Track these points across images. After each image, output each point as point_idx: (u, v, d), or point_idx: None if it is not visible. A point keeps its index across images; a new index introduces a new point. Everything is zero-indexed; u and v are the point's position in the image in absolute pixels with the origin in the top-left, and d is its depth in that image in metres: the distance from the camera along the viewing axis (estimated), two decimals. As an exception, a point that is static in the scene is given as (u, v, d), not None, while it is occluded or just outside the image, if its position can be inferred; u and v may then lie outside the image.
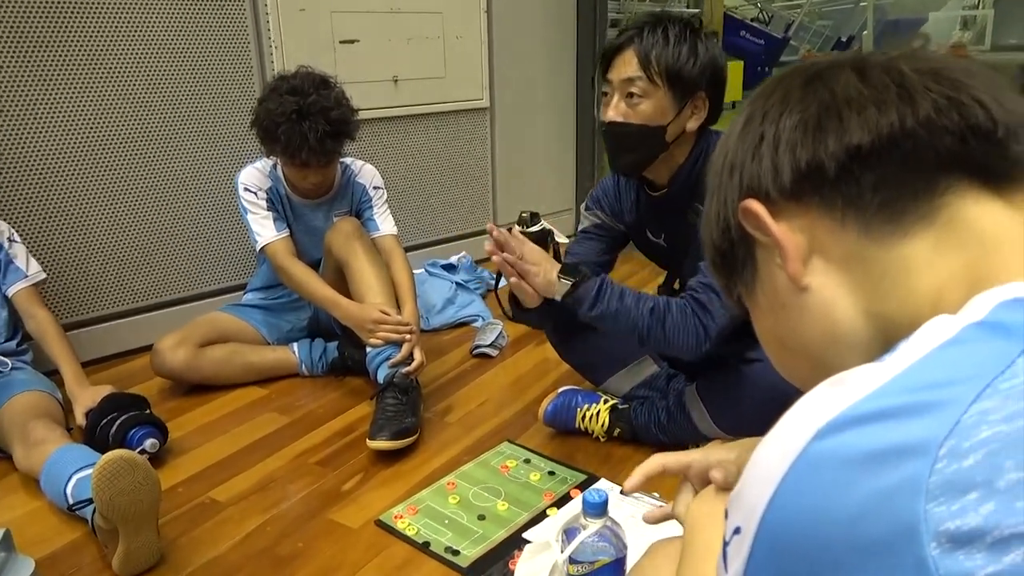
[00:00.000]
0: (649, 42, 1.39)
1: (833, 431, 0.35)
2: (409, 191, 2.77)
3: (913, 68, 0.46)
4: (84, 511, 1.34)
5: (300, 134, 1.75)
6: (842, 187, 0.46)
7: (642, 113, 1.42)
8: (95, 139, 2.03)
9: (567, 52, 3.22)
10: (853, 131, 0.45)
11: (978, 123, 0.44)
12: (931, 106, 0.44)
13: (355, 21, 2.46)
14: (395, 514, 1.42)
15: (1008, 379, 0.33)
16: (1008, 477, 0.31)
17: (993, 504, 0.31)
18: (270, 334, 2.07)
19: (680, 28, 1.40)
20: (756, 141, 0.50)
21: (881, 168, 0.44)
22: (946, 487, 0.32)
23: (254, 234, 1.94)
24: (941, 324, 0.38)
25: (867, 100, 0.45)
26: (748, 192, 0.50)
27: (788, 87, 0.50)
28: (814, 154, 0.46)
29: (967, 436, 0.32)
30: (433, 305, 2.44)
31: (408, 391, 1.72)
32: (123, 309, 2.18)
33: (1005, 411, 0.32)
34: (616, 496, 1.44)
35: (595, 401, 1.67)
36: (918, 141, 0.44)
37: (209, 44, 2.17)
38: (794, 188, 0.47)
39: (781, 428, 0.38)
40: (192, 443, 1.71)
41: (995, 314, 0.37)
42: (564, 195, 3.40)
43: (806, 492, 0.36)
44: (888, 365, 0.37)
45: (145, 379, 1.99)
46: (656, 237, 1.64)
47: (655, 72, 1.39)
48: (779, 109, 0.49)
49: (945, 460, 0.32)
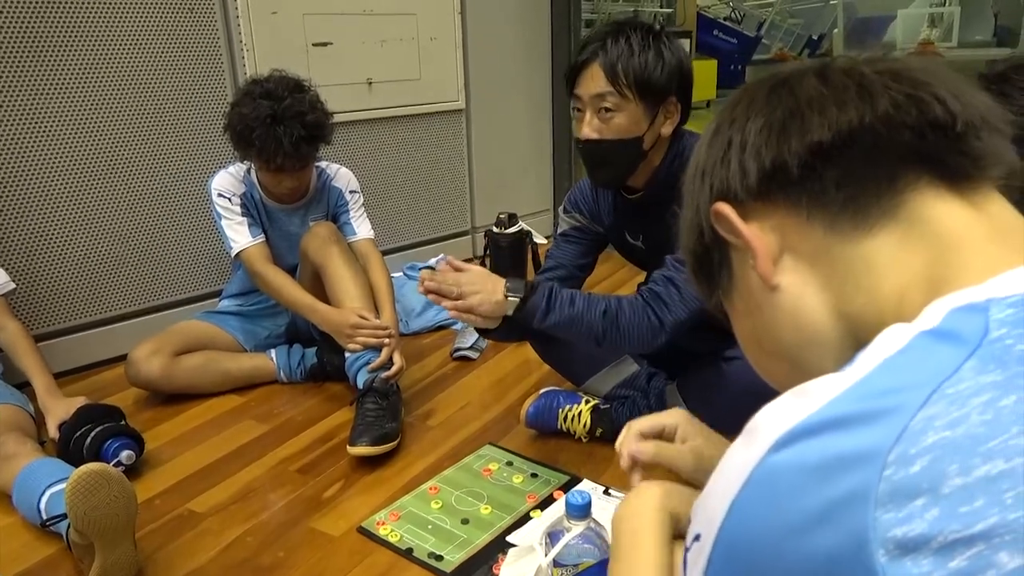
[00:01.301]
0: (614, 54, 1.38)
1: (790, 442, 0.36)
2: (386, 194, 2.76)
3: (873, 69, 0.47)
4: (59, 526, 1.31)
5: (275, 139, 1.73)
6: (806, 184, 0.47)
7: (617, 127, 1.41)
8: (63, 145, 1.99)
9: (542, 52, 3.22)
10: (814, 129, 0.46)
11: (936, 117, 0.44)
12: (889, 102, 0.45)
13: (328, 23, 2.44)
14: (377, 521, 1.41)
15: (954, 384, 0.34)
16: (952, 483, 0.32)
17: (938, 510, 0.31)
18: (247, 341, 2.05)
19: (643, 35, 1.39)
20: (724, 147, 0.51)
21: (843, 164, 0.46)
22: (894, 494, 0.32)
23: (228, 240, 1.92)
24: (895, 333, 0.39)
25: (828, 100, 0.46)
26: (718, 196, 0.51)
27: (754, 95, 0.51)
28: (778, 154, 0.47)
29: (914, 442, 0.33)
30: (412, 308, 2.43)
31: (388, 396, 1.70)
32: (96, 319, 2.14)
33: (949, 416, 0.33)
34: (599, 496, 1.44)
35: (577, 402, 1.67)
36: (877, 136, 0.45)
37: (179, 48, 2.14)
38: (761, 188, 0.48)
39: (742, 439, 0.39)
40: (169, 454, 1.69)
41: (946, 321, 0.38)
42: (541, 196, 3.40)
43: (762, 502, 0.36)
44: (845, 375, 0.38)
45: (120, 390, 1.96)
46: (635, 239, 1.64)
47: (624, 85, 1.38)
48: (745, 115, 0.50)
49: (893, 467, 0.33)
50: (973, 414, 0.33)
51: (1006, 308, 0.37)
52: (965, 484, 0.32)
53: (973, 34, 4.71)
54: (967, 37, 4.63)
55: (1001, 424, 0.32)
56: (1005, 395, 0.33)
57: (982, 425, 0.33)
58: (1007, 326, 0.36)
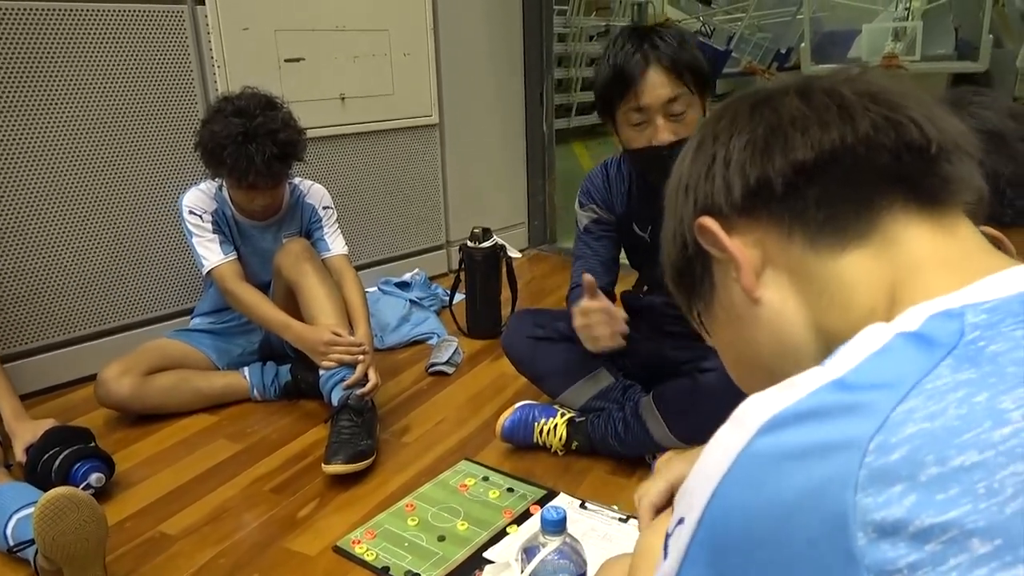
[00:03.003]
0: (668, 55, 1.40)
1: (774, 428, 0.38)
2: (360, 209, 2.75)
3: (853, 90, 0.49)
4: (26, 552, 1.28)
5: (247, 157, 1.72)
6: (789, 202, 0.48)
7: (691, 124, 1.43)
8: (30, 163, 1.96)
9: (515, 67, 3.24)
10: (797, 148, 0.47)
11: (912, 140, 0.46)
12: (869, 124, 0.46)
13: (300, 39, 2.43)
14: (353, 539, 1.40)
15: (932, 381, 0.36)
16: (929, 471, 0.33)
17: (915, 496, 0.33)
18: (220, 359, 2.02)
19: (671, 33, 1.43)
20: (708, 162, 0.52)
21: (824, 183, 0.47)
22: (874, 479, 0.34)
23: (200, 258, 1.90)
24: (875, 331, 0.41)
25: (810, 120, 0.48)
26: (702, 210, 0.52)
27: (736, 111, 0.52)
28: (762, 171, 0.48)
29: (894, 432, 0.35)
30: (387, 324, 2.42)
31: (363, 413, 1.70)
32: (64, 338, 2.11)
33: (927, 410, 0.35)
34: (575, 510, 1.45)
35: (552, 415, 1.68)
36: (857, 157, 0.46)
37: (149, 64, 2.12)
38: (745, 204, 0.50)
39: (728, 425, 0.41)
40: (140, 475, 1.66)
41: (925, 326, 0.40)
42: (515, 210, 3.41)
43: (745, 486, 0.38)
44: (827, 368, 0.39)
45: (89, 411, 1.92)
46: (642, 230, 1.64)
47: (690, 82, 1.41)
48: (729, 131, 0.51)
49: (874, 454, 0.34)
50: (950, 408, 0.35)
51: (981, 313, 0.39)
52: (941, 473, 0.33)
53: (935, 48, 4.82)
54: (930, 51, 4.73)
55: (975, 419, 0.34)
56: (979, 392, 0.35)
57: (958, 419, 0.34)
58: (981, 328, 0.38)
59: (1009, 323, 0.38)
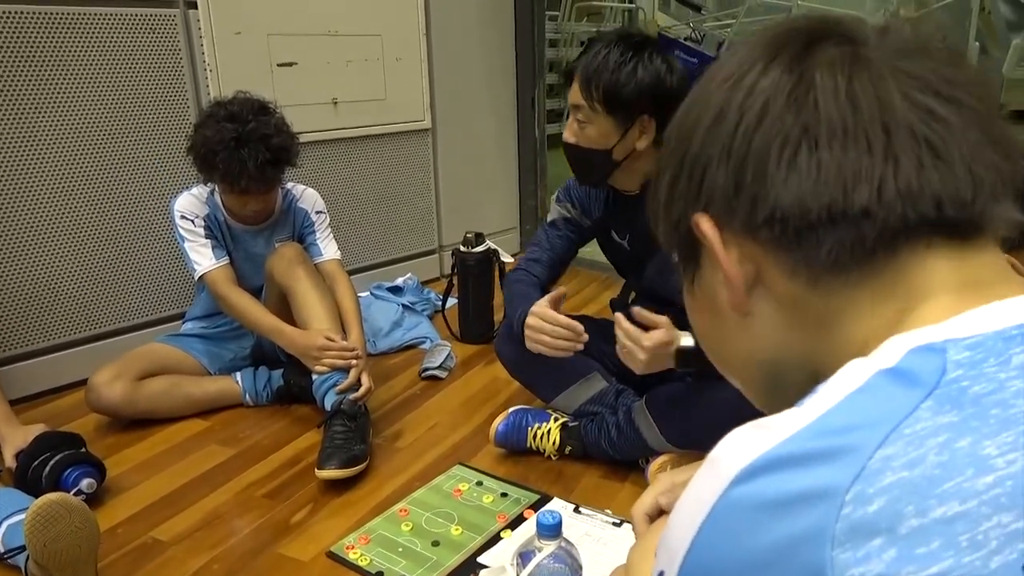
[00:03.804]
0: (591, 67, 1.43)
1: (749, 477, 0.36)
2: (352, 214, 2.75)
3: (910, 99, 0.42)
4: (16, 559, 1.27)
5: (239, 162, 1.72)
6: (802, 242, 0.43)
7: (588, 137, 1.48)
8: (23, 168, 1.95)
9: (507, 72, 3.25)
10: (829, 186, 0.41)
11: (957, 193, 0.41)
12: (914, 168, 0.41)
13: (292, 44, 2.43)
14: (347, 545, 1.39)
15: (911, 424, 0.34)
16: (909, 523, 0.32)
17: (895, 551, 0.32)
18: (212, 364, 2.02)
19: (623, 50, 1.43)
20: (724, 150, 0.45)
21: (847, 232, 0.42)
22: (851, 533, 0.32)
23: (192, 263, 1.90)
24: (854, 369, 0.39)
25: (850, 141, 0.41)
26: (706, 205, 0.46)
27: (775, 81, 0.44)
28: (782, 201, 0.43)
29: (872, 482, 0.33)
30: (380, 328, 2.42)
31: (356, 417, 1.69)
32: (54, 343, 2.09)
33: (907, 457, 0.33)
34: (569, 515, 1.45)
35: (546, 420, 1.68)
36: (891, 212, 0.41)
37: (141, 68, 2.11)
38: (752, 227, 0.44)
39: (703, 472, 0.39)
40: (132, 481, 1.65)
41: (904, 361, 0.38)
42: (508, 215, 3.41)
43: (722, 538, 0.36)
44: (805, 410, 0.38)
45: (79, 416, 1.91)
46: (621, 238, 1.66)
47: (595, 99, 1.43)
48: (756, 117, 0.44)
49: (851, 506, 0.33)
50: (930, 455, 0.33)
51: (963, 350, 0.37)
52: (922, 525, 0.32)
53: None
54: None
55: (956, 466, 0.33)
56: (960, 437, 0.34)
57: (938, 467, 0.33)
58: (963, 367, 0.36)
59: (991, 363, 0.36)
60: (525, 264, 1.74)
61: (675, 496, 0.76)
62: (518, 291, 1.66)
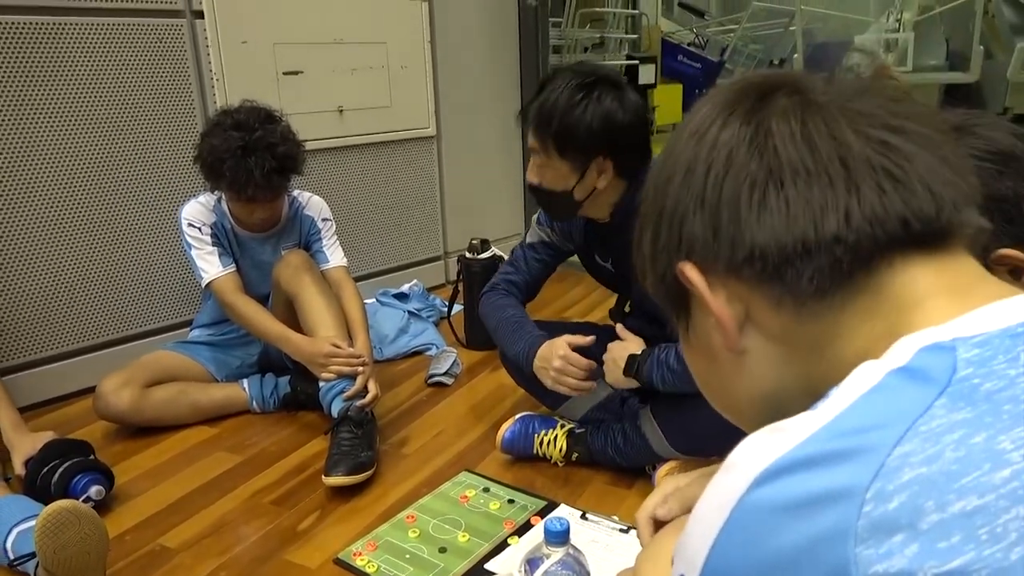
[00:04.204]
0: (543, 112, 1.42)
1: (767, 480, 0.37)
2: (358, 221, 2.76)
3: (860, 135, 0.45)
4: (26, 566, 1.28)
5: (246, 170, 1.73)
6: (783, 275, 0.45)
7: (548, 179, 1.48)
8: (30, 176, 1.97)
9: (511, 79, 3.26)
10: (799, 221, 0.44)
11: (921, 211, 0.43)
12: (876, 195, 0.43)
13: (298, 52, 2.45)
14: (354, 551, 1.39)
15: (927, 422, 0.35)
16: (929, 519, 0.33)
17: (917, 546, 0.32)
18: (219, 371, 2.02)
19: (574, 91, 1.39)
20: (698, 200, 0.48)
21: (822, 260, 0.44)
22: (873, 530, 0.33)
23: (199, 270, 1.90)
24: (867, 371, 0.40)
25: (813, 179, 0.44)
26: (688, 254, 0.49)
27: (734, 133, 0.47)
28: (759, 239, 0.45)
29: (891, 479, 0.34)
30: (386, 335, 2.42)
31: (363, 424, 1.70)
32: (62, 351, 2.10)
33: (924, 453, 0.34)
34: (576, 521, 1.45)
35: (552, 426, 1.68)
36: (861, 235, 0.43)
37: (148, 78, 2.13)
38: (734, 267, 0.47)
39: (721, 477, 0.40)
40: (140, 488, 1.66)
41: (916, 360, 0.39)
42: (512, 221, 3.42)
43: (743, 541, 0.37)
44: (820, 412, 0.38)
45: (88, 423, 1.92)
46: (604, 261, 1.67)
47: (549, 144, 1.43)
48: (723, 166, 0.47)
49: (872, 503, 0.34)
50: (947, 451, 0.34)
51: (972, 348, 0.38)
52: (942, 520, 0.33)
53: (927, 59, 4.86)
54: (921, 62, 4.77)
55: (974, 461, 0.34)
56: (976, 432, 0.34)
57: (956, 462, 0.34)
58: (974, 365, 0.37)
59: (1000, 360, 0.37)
60: (504, 284, 1.73)
61: (677, 502, 0.76)
62: (512, 317, 1.66)
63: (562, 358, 1.51)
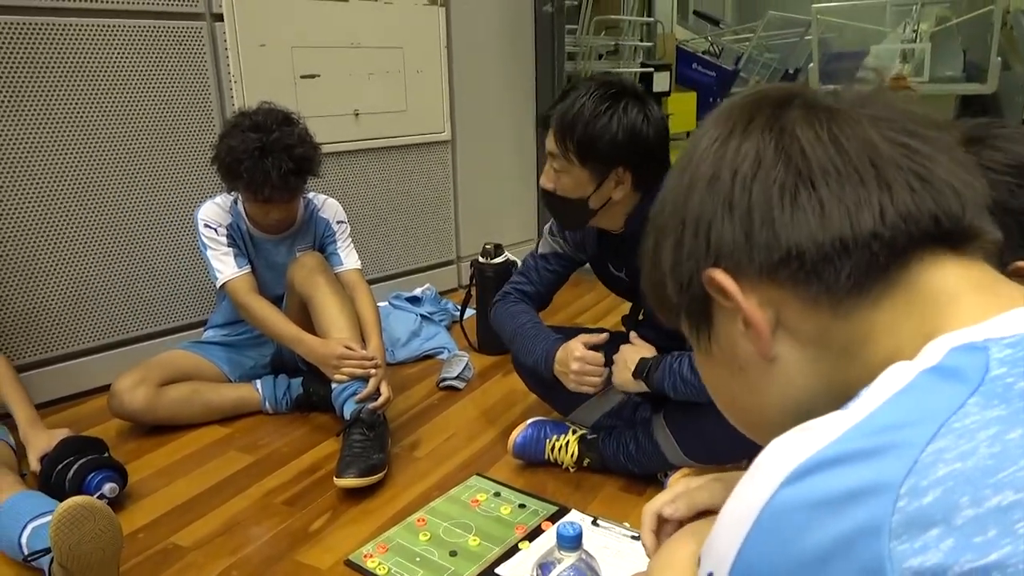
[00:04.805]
0: (566, 118, 1.42)
1: (798, 477, 0.37)
2: (372, 224, 2.77)
3: (883, 137, 0.46)
4: (40, 561, 1.29)
5: (263, 171, 1.74)
6: (821, 274, 0.45)
7: (564, 186, 1.48)
8: (50, 177, 1.99)
9: (526, 84, 3.27)
10: (835, 220, 0.44)
11: (950, 209, 0.44)
12: (907, 193, 0.44)
13: (316, 56, 2.46)
14: (365, 553, 1.40)
15: (960, 419, 0.35)
16: (964, 513, 0.33)
17: (953, 540, 0.32)
18: (232, 371, 2.03)
19: (598, 100, 1.40)
20: (726, 204, 0.48)
21: (860, 257, 0.44)
22: (908, 525, 0.33)
23: (214, 271, 1.92)
24: (898, 371, 0.40)
25: (844, 179, 0.45)
26: (717, 260, 0.48)
27: (758, 139, 0.47)
28: (795, 239, 0.45)
29: (925, 475, 0.34)
30: (398, 338, 2.43)
31: (375, 426, 1.70)
32: (78, 349, 2.12)
33: (959, 449, 0.34)
34: (587, 527, 1.45)
35: (564, 432, 1.68)
36: (896, 231, 0.44)
37: (168, 80, 2.15)
38: (770, 269, 0.46)
39: (751, 475, 0.40)
40: (153, 486, 1.67)
41: (948, 359, 0.39)
42: (526, 226, 3.42)
43: (774, 538, 0.37)
44: (851, 412, 0.39)
45: (102, 421, 1.94)
46: (618, 271, 1.67)
47: (569, 150, 1.43)
48: (751, 169, 0.47)
49: (906, 499, 0.34)
50: (981, 447, 0.34)
51: (1005, 348, 0.38)
52: (977, 515, 0.33)
53: (944, 69, 4.83)
54: (938, 72, 4.75)
55: (1009, 456, 0.34)
56: (1011, 429, 0.35)
57: (991, 457, 0.34)
58: (1007, 365, 0.37)
59: None
60: (516, 294, 1.74)
61: (685, 503, 0.75)
62: (527, 324, 1.66)
63: (579, 359, 1.51)
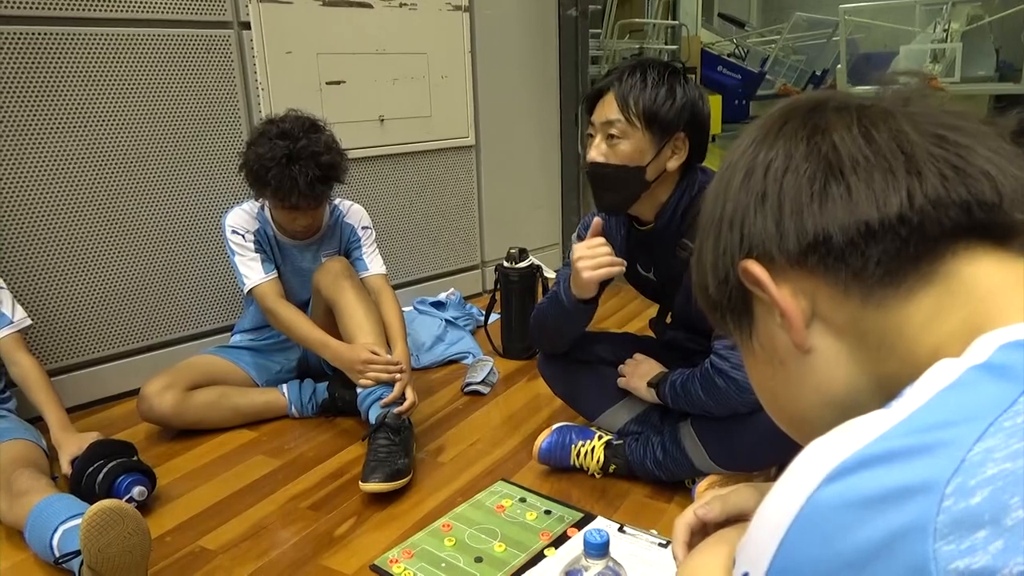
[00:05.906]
0: (628, 85, 1.44)
1: (840, 476, 0.36)
2: (397, 229, 2.78)
3: (916, 128, 0.46)
4: (71, 564, 1.30)
5: (290, 178, 1.75)
6: (848, 259, 0.45)
7: (622, 153, 1.45)
8: (81, 183, 2.02)
9: (550, 89, 3.27)
10: (862, 205, 0.44)
11: (984, 197, 0.44)
12: (938, 180, 0.44)
13: (341, 62, 2.48)
14: (390, 558, 1.39)
15: (1011, 418, 0.34)
16: (1015, 515, 0.31)
17: (1002, 542, 0.31)
18: (259, 376, 2.05)
19: (659, 71, 1.45)
20: (759, 197, 0.49)
21: (888, 243, 0.44)
22: (955, 525, 0.32)
23: (242, 276, 1.93)
24: (945, 368, 0.39)
25: (874, 168, 0.45)
26: (750, 251, 0.49)
27: (789, 136, 0.49)
28: (822, 225, 0.45)
29: (973, 474, 0.33)
30: (423, 343, 2.43)
31: (400, 431, 1.70)
32: (108, 353, 2.15)
33: (1009, 449, 0.33)
34: (614, 535, 1.43)
35: (590, 437, 1.67)
36: (925, 216, 0.44)
37: (196, 87, 2.18)
38: (799, 256, 0.47)
39: (791, 474, 0.39)
40: (181, 489, 1.68)
41: (996, 356, 0.38)
42: (550, 231, 3.42)
43: (813, 539, 0.36)
44: (894, 410, 0.37)
45: (131, 424, 1.96)
46: (646, 271, 1.65)
47: (633, 114, 1.43)
48: (783, 164, 0.48)
49: (953, 498, 0.32)
50: None
51: None
52: None
53: (976, 69, 4.75)
54: (970, 72, 4.67)
55: None
56: None
57: None
58: None
59: None
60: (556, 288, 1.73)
61: (719, 504, 0.74)
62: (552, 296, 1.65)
63: (583, 248, 1.49)
